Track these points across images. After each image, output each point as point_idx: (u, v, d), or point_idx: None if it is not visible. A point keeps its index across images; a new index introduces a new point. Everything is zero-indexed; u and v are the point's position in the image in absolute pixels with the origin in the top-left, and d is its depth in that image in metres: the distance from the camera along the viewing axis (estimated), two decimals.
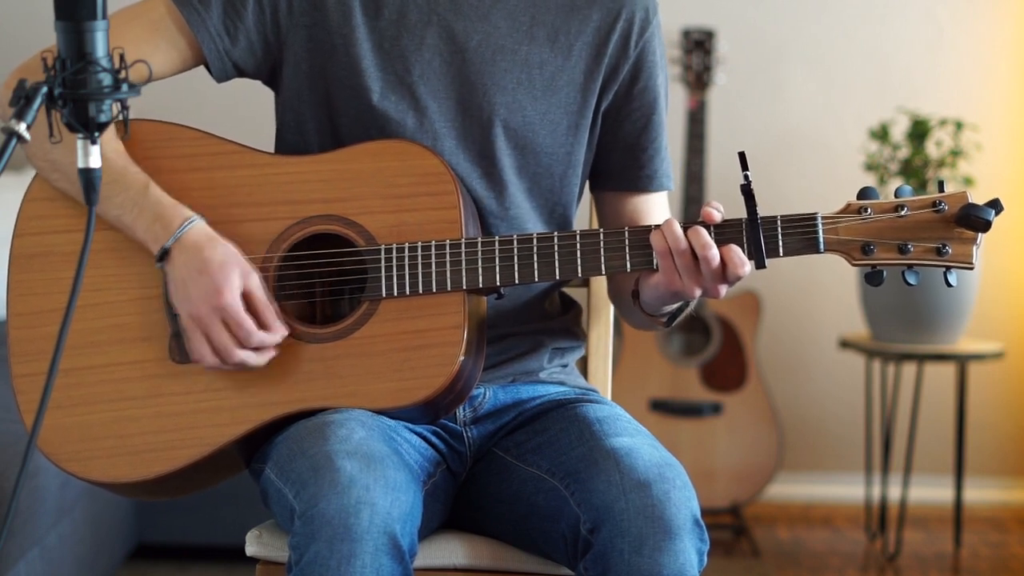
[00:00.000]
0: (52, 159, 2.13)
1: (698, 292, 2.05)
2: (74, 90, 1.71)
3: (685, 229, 2.03)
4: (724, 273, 2.02)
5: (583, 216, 2.37)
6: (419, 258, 2.09)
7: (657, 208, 2.29)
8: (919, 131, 4.30)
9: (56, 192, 2.17)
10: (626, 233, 2.08)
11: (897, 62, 4.82)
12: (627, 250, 2.07)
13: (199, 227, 2.09)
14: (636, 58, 2.23)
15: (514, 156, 2.21)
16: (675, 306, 2.15)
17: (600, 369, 2.41)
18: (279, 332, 2.08)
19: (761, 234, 2.03)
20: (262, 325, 2.07)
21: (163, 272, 2.10)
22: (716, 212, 2.04)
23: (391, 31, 2.18)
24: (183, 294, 2.07)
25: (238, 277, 2.06)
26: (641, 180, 2.27)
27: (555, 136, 2.21)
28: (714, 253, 2.01)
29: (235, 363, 2.07)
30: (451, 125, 2.19)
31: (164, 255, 2.09)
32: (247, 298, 2.07)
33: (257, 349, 2.07)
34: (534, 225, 2.23)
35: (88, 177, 1.73)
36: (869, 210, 2.03)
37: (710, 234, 2.03)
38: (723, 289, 2.04)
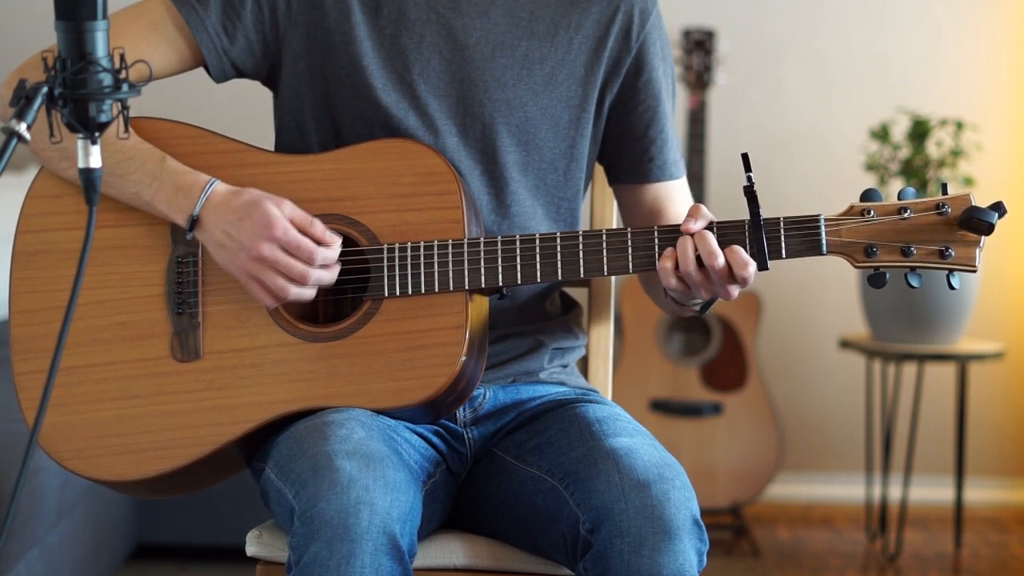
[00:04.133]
0: (61, 147, 2.13)
1: (707, 296, 2.06)
2: (74, 90, 1.72)
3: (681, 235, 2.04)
4: (731, 274, 2.03)
5: (584, 213, 2.37)
6: (421, 258, 2.09)
7: (676, 195, 2.29)
8: (919, 131, 4.29)
9: (59, 189, 2.18)
10: (628, 234, 2.08)
11: (897, 62, 4.82)
12: (630, 251, 2.07)
13: (219, 187, 2.09)
14: (638, 51, 2.23)
15: (517, 152, 2.21)
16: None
17: (600, 369, 2.41)
18: (335, 242, 2.08)
19: (764, 236, 2.03)
20: (316, 242, 2.07)
21: (197, 241, 2.11)
22: (694, 222, 2.04)
23: (390, 29, 2.18)
24: (231, 251, 2.07)
25: (275, 207, 2.06)
26: (653, 171, 2.28)
27: (557, 131, 2.22)
28: (720, 261, 2.01)
29: (312, 284, 2.07)
30: (452, 122, 2.19)
31: (194, 223, 2.09)
32: (291, 223, 2.07)
33: (324, 267, 2.07)
34: (540, 221, 2.23)
35: (88, 177, 1.73)
36: (872, 212, 2.03)
37: (713, 232, 2.03)
38: (734, 290, 2.05)
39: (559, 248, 2.09)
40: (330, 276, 2.09)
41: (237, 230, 2.06)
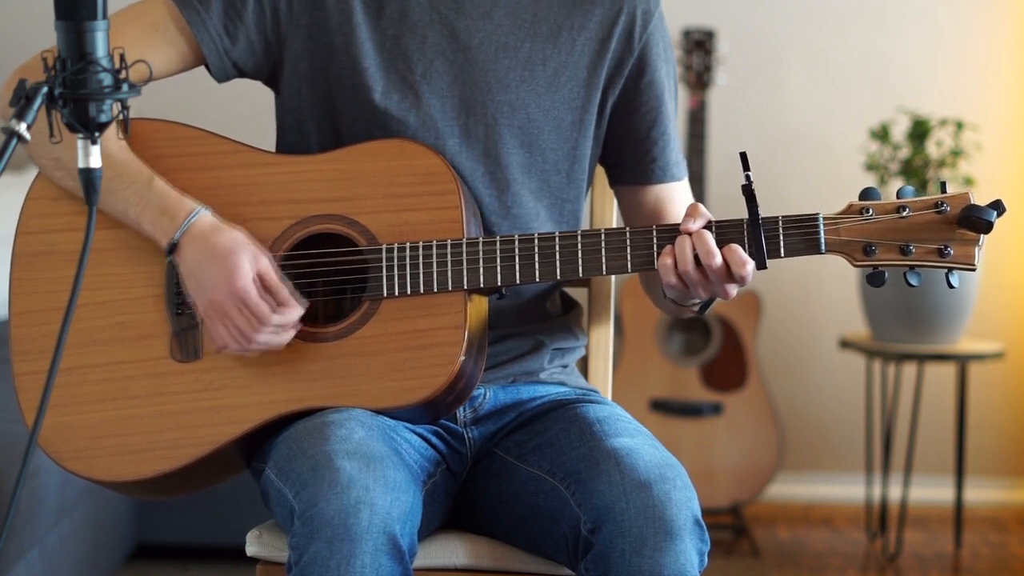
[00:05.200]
0: (56, 156, 2.13)
1: (705, 295, 2.06)
2: (74, 90, 1.71)
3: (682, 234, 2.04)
4: (729, 273, 2.03)
5: (584, 213, 2.37)
6: (420, 258, 2.09)
7: (678, 196, 2.29)
8: (919, 131, 4.29)
9: (59, 191, 2.18)
10: (627, 233, 2.08)
11: (897, 62, 4.82)
12: (628, 251, 2.07)
13: (205, 217, 2.09)
14: (640, 52, 2.23)
15: (520, 154, 2.21)
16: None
17: (600, 369, 2.41)
18: (296, 309, 2.07)
19: (762, 234, 2.03)
20: (279, 304, 2.07)
21: (173, 265, 2.11)
22: (692, 221, 2.04)
23: (393, 30, 2.18)
24: (196, 284, 2.07)
25: (248, 262, 2.06)
26: (655, 173, 2.28)
27: (559, 132, 2.22)
28: (718, 261, 2.01)
29: (257, 346, 2.07)
30: (454, 124, 2.19)
31: (173, 248, 2.09)
32: (260, 280, 2.07)
33: (278, 330, 2.07)
34: (543, 222, 2.23)
35: (88, 177, 1.73)
36: (871, 211, 2.03)
37: (712, 231, 2.03)
38: (732, 289, 2.05)
39: (557, 248, 2.09)
40: (279, 340, 2.07)
41: (205, 270, 2.06)
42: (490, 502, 2.18)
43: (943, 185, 2.06)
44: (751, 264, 2.02)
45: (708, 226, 2.05)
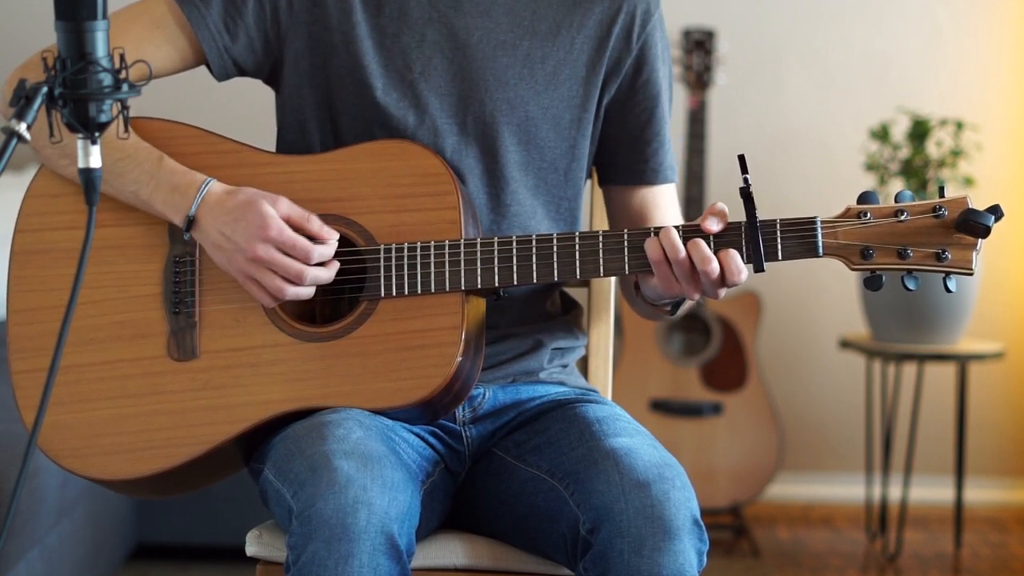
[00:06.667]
0: (60, 144, 2.13)
1: (696, 295, 2.05)
2: (74, 90, 1.72)
3: (685, 240, 2.03)
4: (722, 279, 2.03)
5: (583, 213, 2.37)
6: (418, 258, 2.09)
7: (665, 199, 2.29)
8: (919, 131, 4.29)
9: (58, 188, 2.18)
10: (625, 235, 2.08)
11: (897, 62, 4.82)
12: (626, 252, 2.07)
13: (216, 186, 2.10)
14: (638, 52, 2.23)
15: (518, 152, 2.21)
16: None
17: (600, 369, 2.41)
18: (332, 238, 2.08)
19: (760, 238, 2.03)
20: (314, 238, 2.07)
21: (194, 242, 2.11)
22: (715, 222, 2.03)
23: (392, 28, 2.18)
24: (227, 252, 2.07)
25: (270, 208, 2.06)
26: (647, 173, 2.27)
27: (558, 130, 2.22)
28: (714, 267, 2.01)
29: (311, 280, 2.07)
30: (453, 121, 2.19)
31: (191, 223, 2.09)
32: (287, 221, 2.07)
33: (320, 261, 2.08)
34: (540, 220, 2.23)
35: (88, 177, 1.73)
36: (869, 214, 2.03)
37: (709, 244, 2.03)
38: (722, 292, 2.05)
39: (555, 249, 2.09)
40: (327, 274, 2.09)
41: (232, 231, 2.06)
42: (489, 502, 2.18)
43: (941, 189, 2.06)
44: (745, 273, 2.02)
45: (705, 237, 2.04)
